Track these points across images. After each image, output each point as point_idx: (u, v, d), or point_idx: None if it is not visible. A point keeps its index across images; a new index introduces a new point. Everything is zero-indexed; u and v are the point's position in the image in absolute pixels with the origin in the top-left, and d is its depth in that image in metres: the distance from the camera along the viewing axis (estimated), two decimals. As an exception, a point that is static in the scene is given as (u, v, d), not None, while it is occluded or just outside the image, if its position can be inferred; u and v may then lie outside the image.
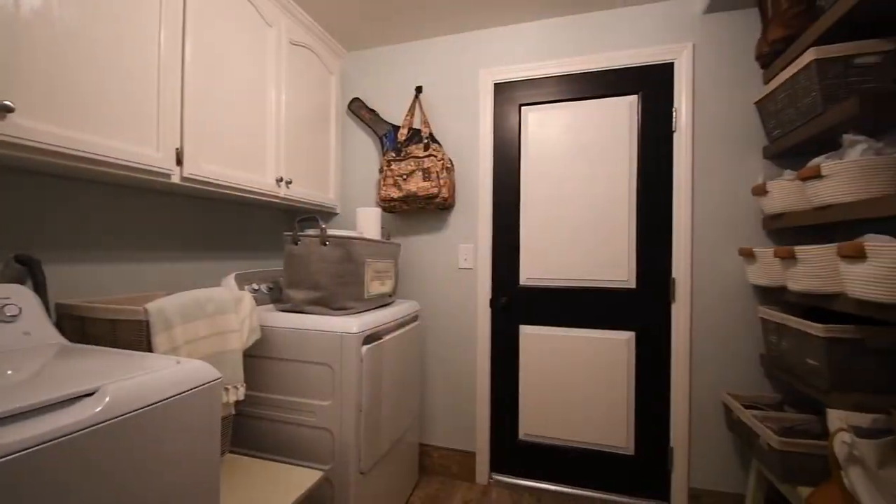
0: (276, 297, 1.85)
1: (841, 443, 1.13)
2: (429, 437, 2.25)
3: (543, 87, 2.09)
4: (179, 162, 1.35)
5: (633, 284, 1.97)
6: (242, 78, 1.62)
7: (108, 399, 0.74)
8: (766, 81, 1.68)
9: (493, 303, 2.16)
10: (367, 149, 2.36)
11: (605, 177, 2.00)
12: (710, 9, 1.81)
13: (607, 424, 2.00)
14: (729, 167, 1.83)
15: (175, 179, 1.35)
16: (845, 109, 1.21)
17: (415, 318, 2.05)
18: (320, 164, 2.17)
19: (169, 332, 1.17)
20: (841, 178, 1.18)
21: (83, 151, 1.08)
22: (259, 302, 1.77)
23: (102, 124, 1.14)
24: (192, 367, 0.91)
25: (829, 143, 1.39)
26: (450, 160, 2.12)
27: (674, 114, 1.90)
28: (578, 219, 2.03)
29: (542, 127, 2.09)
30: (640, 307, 1.96)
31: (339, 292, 1.56)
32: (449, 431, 2.22)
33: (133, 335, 1.16)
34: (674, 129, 1.90)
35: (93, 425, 0.71)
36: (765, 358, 1.70)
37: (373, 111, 2.31)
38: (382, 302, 1.85)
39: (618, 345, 1.98)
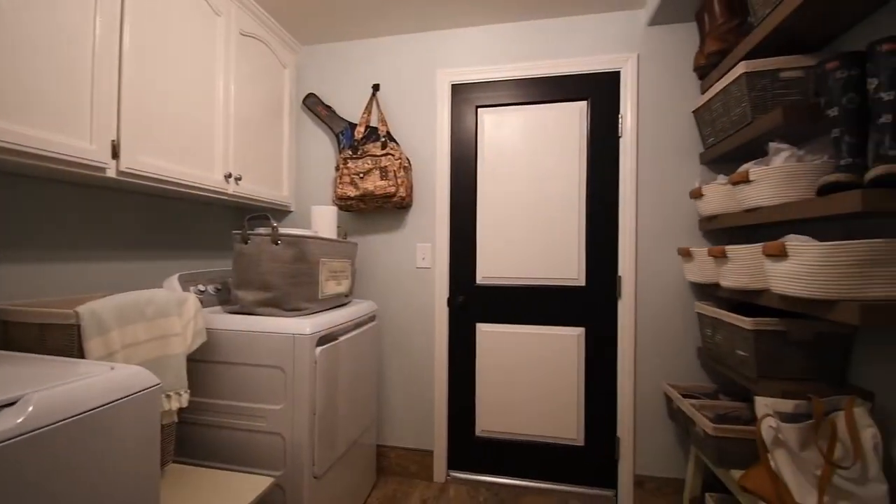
0: (224, 298, 1.78)
1: (767, 427, 1.23)
2: (386, 437, 2.23)
3: (499, 90, 2.13)
4: (116, 155, 1.27)
5: (582, 282, 2.05)
6: (188, 68, 1.54)
7: (31, 408, 0.69)
8: (703, 91, 1.80)
9: (450, 302, 2.17)
10: (323, 146, 2.32)
11: (557, 179, 2.06)
12: (654, 21, 1.92)
13: (559, 418, 2.06)
14: (669, 172, 1.94)
15: (111, 174, 1.27)
16: (771, 119, 1.31)
17: (372, 318, 2.03)
18: (273, 160, 2.10)
19: (104, 336, 1.10)
20: (767, 182, 1.28)
21: (4, 142, 1.00)
22: (206, 304, 1.69)
23: (28, 113, 1.05)
24: (128, 374, 0.86)
25: (757, 151, 1.51)
26: (407, 159, 2.12)
27: (620, 120, 1.99)
28: (532, 219, 2.09)
29: (498, 129, 2.13)
30: (589, 304, 2.04)
31: (292, 293, 1.52)
32: (407, 431, 2.21)
33: (64, 340, 1.08)
34: (620, 134, 2.00)
35: (14, 437, 0.65)
36: (701, 350, 1.82)
37: (329, 107, 2.26)
38: (338, 302, 1.82)
39: (569, 341, 2.05)
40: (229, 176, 1.73)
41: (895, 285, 0.97)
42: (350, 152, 2.09)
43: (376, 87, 2.20)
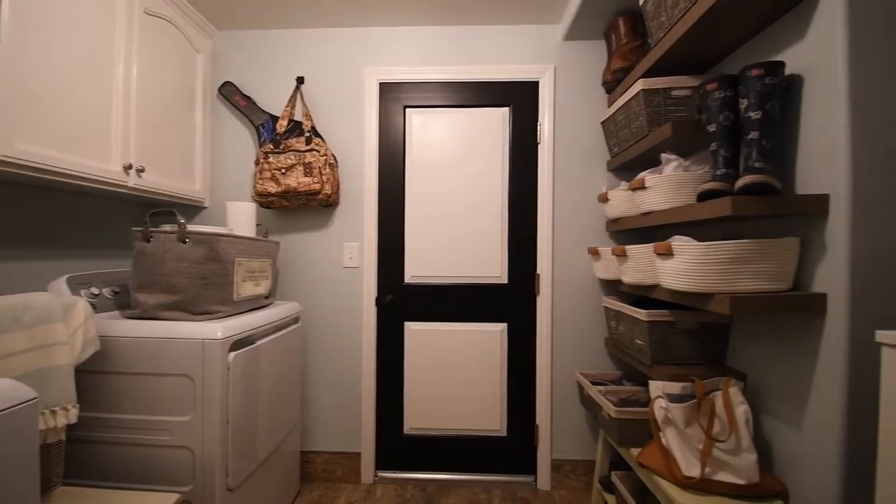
0: (123, 302, 1.63)
1: (659, 408, 1.37)
2: (311, 443, 2.17)
3: (427, 92, 2.15)
4: (-15, 141, 1.11)
5: (505, 280, 2.14)
6: (82, 47, 1.39)
7: None
8: (610, 105, 1.96)
9: (378, 301, 2.16)
10: (242, 138, 2.19)
11: (481, 180, 2.14)
12: (569, 37, 2.06)
13: (484, 410, 2.14)
14: (582, 177, 2.10)
15: (-21, 162, 1.11)
16: (663, 133, 1.47)
17: (295, 320, 1.96)
18: (184, 151, 1.95)
19: (-33, 348, 0.96)
20: (658, 189, 1.43)
21: None
22: (101, 308, 1.54)
23: None
24: (-5, 388, 0.77)
25: (653, 160, 1.68)
26: (333, 156, 2.07)
27: (538, 128, 2.11)
28: (458, 219, 2.14)
29: (426, 130, 2.16)
30: (511, 301, 2.14)
31: (202, 295, 1.43)
32: (333, 435, 2.17)
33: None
34: (538, 141, 2.11)
35: None
36: (608, 341, 1.99)
37: (248, 98, 2.14)
38: (257, 304, 1.74)
39: (492, 336, 2.14)
40: (129, 167, 1.58)
41: (759, 280, 1.14)
42: (271, 146, 2.00)
43: (300, 80, 2.13)
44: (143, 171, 1.63)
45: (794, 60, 1.20)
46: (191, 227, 1.45)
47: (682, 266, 1.21)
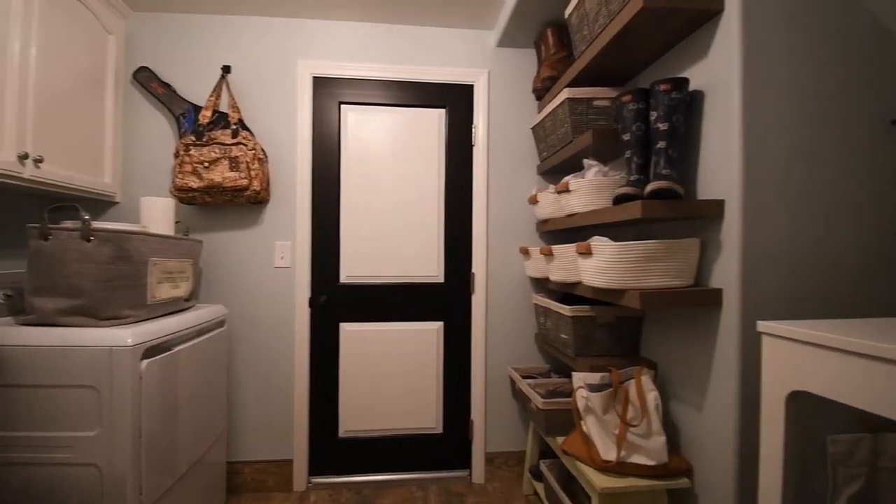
0: (17, 307, 1.45)
1: (580, 397, 1.46)
2: (239, 452, 2.06)
3: (362, 89, 2.13)
4: None
5: (441, 279, 2.17)
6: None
7: None
8: (539, 111, 2.05)
9: (312, 302, 2.10)
10: (160, 128, 2.03)
11: (417, 180, 2.15)
12: (501, 43, 2.13)
13: (420, 409, 2.16)
14: (514, 179, 2.18)
15: None
16: (585, 140, 1.57)
17: (220, 324, 1.86)
18: (92, 140, 1.77)
19: None
20: (581, 192, 1.53)
21: None
22: (-13, 315, 1.36)
23: None
24: None
25: (577, 165, 1.79)
26: (262, 150, 1.98)
27: (473, 130, 2.17)
28: (395, 218, 2.14)
29: (361, 127, 2.13)
30: (447, 300, 2.18)
31: (110, 298, 1.31)
32: (263, 443, 2.08)
33: None
34: (473, 143, 2.17)
35: None
36: (538, 336, 2.09)
37: (167, 85, 1.99)
38: (175, 308, 1.63)
39: (428, 335, 2.16)
40: (25, 156, 1.41)
41: (665, 277, 1.25)
42: (193, 138, 1.88)
43: (227, 69, 2.01)
44: (41, 161, 1.46)
45: (697, 77, 1.32)
46: (97, 224, 1.32)
47: (600, 264, 1.30)
